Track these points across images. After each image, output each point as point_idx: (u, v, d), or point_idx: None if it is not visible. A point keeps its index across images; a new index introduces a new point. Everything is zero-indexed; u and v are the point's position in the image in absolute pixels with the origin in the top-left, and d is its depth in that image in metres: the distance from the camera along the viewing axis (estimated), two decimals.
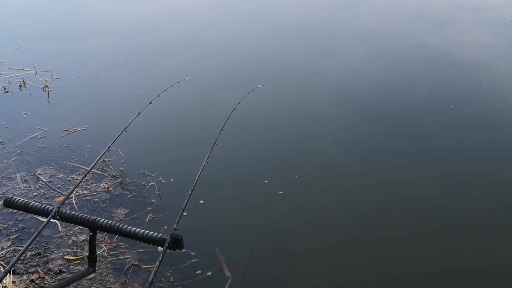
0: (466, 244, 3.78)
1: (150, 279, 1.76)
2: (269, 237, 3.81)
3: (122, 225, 2.04)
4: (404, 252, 3.70)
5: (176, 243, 1.95)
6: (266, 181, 4.36)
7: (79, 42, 7.30)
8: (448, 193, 4.28)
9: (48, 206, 2.10)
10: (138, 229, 2.03)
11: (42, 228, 2.01)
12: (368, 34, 7.64)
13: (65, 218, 2.09)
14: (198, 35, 7.61)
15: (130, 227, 2.04)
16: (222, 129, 2.90)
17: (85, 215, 2.09)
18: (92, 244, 2.15)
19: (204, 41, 7.38)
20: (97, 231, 2.12)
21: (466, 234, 3.88)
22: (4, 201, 2.14)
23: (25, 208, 2.12)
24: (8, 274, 1.86)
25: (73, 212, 2.10)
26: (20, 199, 2.13)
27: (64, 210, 2.09)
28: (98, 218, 2.07)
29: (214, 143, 2.73)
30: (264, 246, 3.70)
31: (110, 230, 2.05)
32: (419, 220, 3.98)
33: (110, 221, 2.06)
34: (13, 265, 1.84)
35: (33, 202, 2.12)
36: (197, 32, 7.73)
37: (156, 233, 2.01)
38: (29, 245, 1.93)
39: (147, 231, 2.01)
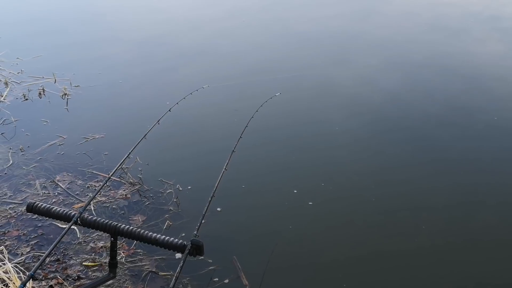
0: (485, 259, 3.71)
1: (171, 285, 1.77)
2: (286, 245, 3.81)
3: (143, 231, 2.06)
4: (420, 264, 3.66)
5: (196, 249, 1.96)
6: (295, 191, 4.34)
7: (97, 51, 7.37)
8: (466, 204, 4.23)
9: (71, 211, 2.12)
10: (159, 235, 2.05)
11: (65, 233, 2.02)
12: (384, 44, 7.63)
13: (86, 224, 2.10)
14: (215, 44, 7.65)
15: (151, 233, 2.05)
16: (240, 137, 2.91)
17: (107, 220, 2.10)
18: (113, 249, 2.17)
19: (222, 49, 7.42)
20: (118, 237, 2.13)
21: (485, 247, 3.81)
22: (27, 206, 2.16)
23: (48, 213, 2.15)
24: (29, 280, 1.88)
25: (95, 217, 2.12)
26: (42, 205, 2.16)
27: (85, 216, 2.11)
28: (119, 224, 2.08)
29: (233, 151, 2.74)
30: (281, 254, 3.70)
31: (131, 235, 2.06)
32: (436, 232, 3.93)
33: (131, 227, 2.08)
34: (36, 270, 1.86)
35: (55, 208, 2.15)
36: (215, 41, 7.77)
37: (176, 239, 2.02)
38: (51, 250, 1.95)
39: (167, 237, 2.02)
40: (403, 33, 8.16)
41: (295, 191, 4.35)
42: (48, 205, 2.15)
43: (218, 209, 4.07)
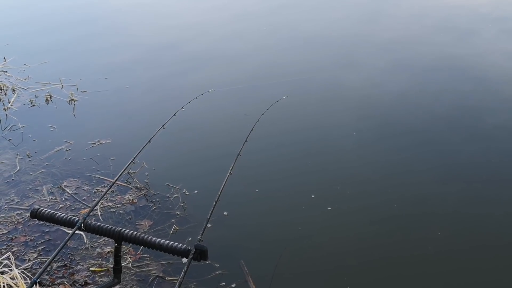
0: (499, 266, 3.65)
1: None
2: (295, 249, 3.79)
3: (147, 236, 2.05)
4: (431, 272, 3.61)
5: (200, 254, 1.95)
6: (313, 196, 4.30)
7: (104, 56, 7.39)
8: (476, 209, 4.17)
9: (74, 217, 2.12)
10: (163, 240, 2.03)
11: (68, 239, 2.02)
12: (392, 46, 7.60)
13: (90, 229, 2.10)
14: (221, 48, 7.64)
15: (155, 238, 2.04)
16: (246, 140, 2.90)
17: (111, 226, 2.09)
18: (118, 255, 2.16)
19: (228, 54, 7.42)
20: (122, 242, 2.12)
21: (495, 254, 3.74)
22: (31, 212, 2.16)
23: (51, 219, 2.14)
24: (34, 285, 1.87)
25: (99, 223, 2.11)
26: (46, 210, 2.15)
27: (89, 221, 2.10)
28: (123, 229, 2.07)
29: (238, 155, 2.73)
30: (290, 258, 3.68)
31: (135, 241, 2.05)
32: (446, 239, 3.87)
33: (135, 232, 2.07)
34: (39, 276, 1.85)
35: (59, 213, 2.14)
36: (220, 45, 7.76)
37: (180, 244, 2.01)
38: (55, 256, 1.94)
39: (171, 242, 2.01)
40: (411, 35, 8.11)
41: (313, 195, 4.31)
42: (52, 211, 2.15)
43: (225, 213, 4.06)
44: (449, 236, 3.89)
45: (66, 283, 3.46)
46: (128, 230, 2.08)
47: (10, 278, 3.22)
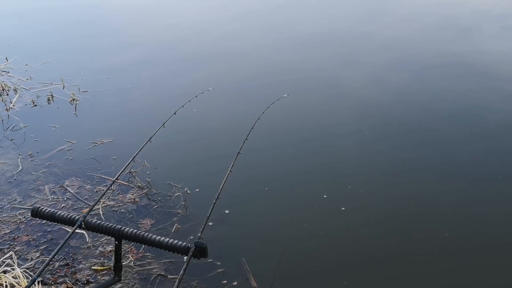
0: (497, 264, 3.66)
1: (174, 287, 1.76)
2: (297, 247, 3.80)
3: (147, 234, 2.05)
4: (433, 271, 3.61)
5: (200, 251, 1.94)
6: (325, 196, 4.30)
7: (105, 56, 7.40)
8: (477, 209, 4.17)
9: (75, 215, 2.12)
10: (163, 237, 2.04)
11: (69, 237, 2.03)
12: (393, 44, 7.59)
13: (91, 227, 2.10)
14: (221, 46, 7.65)
15: (155, 236, 2.05)
16: (246, 139, 2.90)
17: (111, 224, 2.10)
18: (118, 253, 2.16)
19: (228, 52, 7.42)
20: (122, 240, 2.13)
21: (497, 254, 3.74)
22: (32, 211, 2.16)
23: (52, 218, 2.14)
24: (36, 284, 1.88)
25: (99, 221, 2.12)
26: (47, 209, 2.16)
27: (90, 220, 2.11)
28: (124, 227, 2.08)
29: (239, 153, 2.73)
30: (291, 256, 3.68)
31: (135, 239, 2.05)
32: (451, 238, 3.86)
33: (135, 230, 2.07)
34: (40, 274, 1.86)
35: (59, 212, 2.14)
36: (221, 43, 7.76)
37: (180, 242, 2.01)
38: (56, 254, 1.95)
39: (171, 240, 2.01)
40: (412, 33, 8.10)
41: (325, 196, 4.30)
42: (53, 210, 2.15)
43: (226, 211, 4.07)
44: (454, 236, 3.88)
45: (68, 282, 3.47)
46: (128, 228, 2.08)
47: (13, 277, 3.24)
